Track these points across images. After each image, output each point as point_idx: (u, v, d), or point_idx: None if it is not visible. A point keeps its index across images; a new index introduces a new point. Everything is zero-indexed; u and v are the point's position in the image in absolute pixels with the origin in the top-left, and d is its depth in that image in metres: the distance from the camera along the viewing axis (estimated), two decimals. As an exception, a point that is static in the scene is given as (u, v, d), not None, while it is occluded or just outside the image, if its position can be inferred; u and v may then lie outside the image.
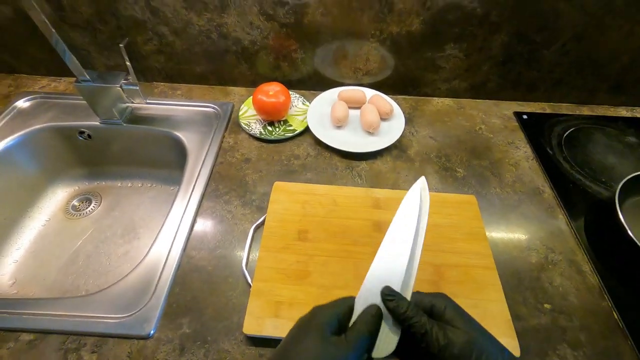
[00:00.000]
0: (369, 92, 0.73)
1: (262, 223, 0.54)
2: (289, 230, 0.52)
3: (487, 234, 0.52)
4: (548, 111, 0.76)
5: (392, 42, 0.68)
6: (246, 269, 0.48)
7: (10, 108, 0.70)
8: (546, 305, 0.46)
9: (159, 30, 0.68)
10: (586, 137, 0.70)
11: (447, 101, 0.77)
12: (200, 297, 0.47)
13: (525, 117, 0.74)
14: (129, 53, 0.56)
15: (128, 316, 0.45)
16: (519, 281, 0.49)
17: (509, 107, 0.76)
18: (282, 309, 0.44)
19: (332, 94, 0.74)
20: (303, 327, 0.28)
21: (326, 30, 0.67)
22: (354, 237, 0.51)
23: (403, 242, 0.32)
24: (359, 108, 0.72)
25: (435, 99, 0.77)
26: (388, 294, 0.29)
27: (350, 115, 0.70)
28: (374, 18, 0.64)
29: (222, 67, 0.75)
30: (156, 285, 0.47)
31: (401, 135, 0.66)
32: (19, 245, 0.67)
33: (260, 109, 0.66)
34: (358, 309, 0.29)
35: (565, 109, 0.76)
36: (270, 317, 0.43)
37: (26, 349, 0.42)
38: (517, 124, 0.72)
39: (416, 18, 0.63)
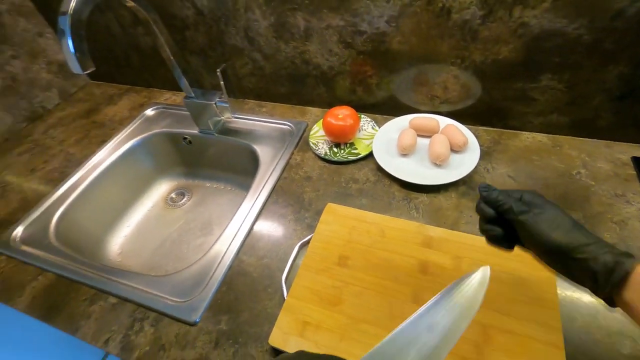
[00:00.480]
0: (444, 121, 0.69)
1: (309, 241, 0.56)
2: (331, 252, 0.53)
3: (560, 302, 0.43)
4: (689, 160, 0.59)
5: (475, 71, 0.63)
6: (285, 282, 0.51)
7: (140, 115, 0.89)
8: (633, 414, 0.36)
9: (254, 56, 0.78)
10: None
11: (540, 137, 0.67)
12: (241, 299, 0.51)
13: (650, 165, 0.59)
14: (228, 75, 0.67)
15: (183, 302, 0.52)
16: (597, 373, 0.39)
17: (626, 151, 0.61)
18: (308, 330, 0.45)
19: (403, 120, 0.72)
20: None
21: (403, 57, 0.66)
22: (395, 273, 0.49)
23: (430, 339, 0.27)
24: (429, 137, 0.69)
25: (525, 134, 0.68)
26: (484, 187, 0.37)
27: (419, 144, 0.67)
28: (455, 46, 0.61)
29: (302, 89, 0.81)
30: (209, 280, 0.54)
31: (473, 171, 0.60)
32: (129, 223, 0.84)
33: (328, 130, 0.69)
34: None
35: None
36: (295, 335, 0.44)
37: (110, 309, 0.53)
38: (634, 172, 0.58)
39: (504, 46, 0.58)
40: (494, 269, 0.47)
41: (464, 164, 0.62)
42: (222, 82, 0.68)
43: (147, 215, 0.86)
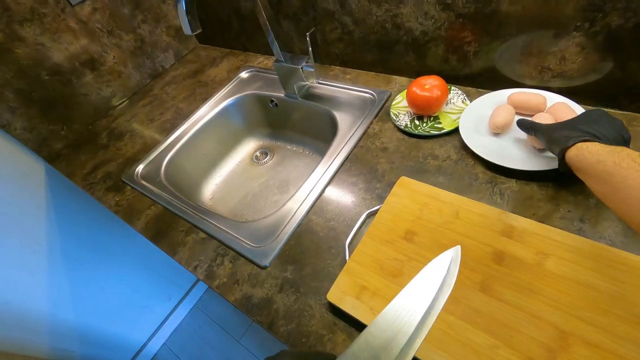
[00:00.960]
0: (553, 99, 0.59)
1: (376, 212, 0.56)
2: (398, 226, 0.52)
3: (674, 327, 0.36)
4: None
5: (607, 38, 0.51)
6: (348, 247, 0.53)
7: (236, 77, 0.97)
8: None
9: (344, 20, 0.77)
10: None
11: (692, 126, 0.53)
12: (307, 254, 0.55)
13: None
14: (317, 40, 0.67)
15: (257, 247, 0.58)
16: None
17: None
18: (365, 294, 0.46)
19: (501, 95, 0.64)
20: None
21: (512, 21, 0.57)
22: (465, 258, 0.45)
23: (410, 320, 0.26)
24: (531, 116, 0.60)
25: (668, 121, 0.54)
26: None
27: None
28: (585, 5, 0.50)
29: (390, 56, 0.77)
30: (280, 232, 0.59)
31: (583, 160, 0.51)
32: (220, 174, 0.95)
33: (412, 101, 0.66)
34: None
35: None
36: (352, 296, 0.46)
37: (200, 242, 0.62)
38: None
39: (658, 4, 0.45)
40: (587, 273, 0.42)
41: (572, 150, 0.53)
42: (309, 47, 0.69)
43: (234, 169, 0.96)
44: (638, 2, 0.46)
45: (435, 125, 0.65)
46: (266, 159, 0.95)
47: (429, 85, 0.64)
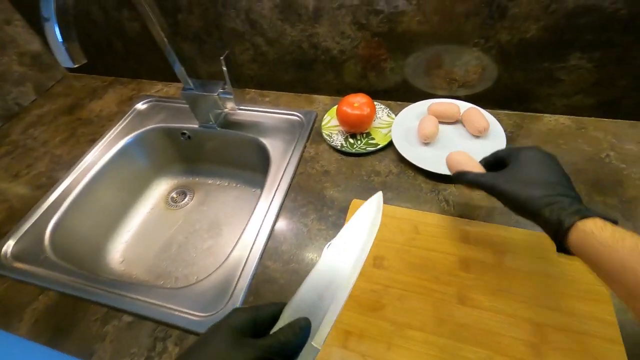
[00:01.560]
0: (464, 106, 0.66)
1: (337, 242, 0.52)
2: (363, 254, 0.49)
3: (611, 294, 0.42)
4: None
5: (498, 52, 0.59)
6: (317, 288, 0.47)
7: (131, 110, 0.82)
8: (697, 407, 0.35)
9: (255, 40, 0.71)
10: None
11: (563, 119, 0.65)
12: (271, 309, 0.47)
13: (676, 144, 0.58)
14: (229, 62, 0.60)
15: (208, 316, 0.48)
16: (657, 366, 0.38)
17: (653, 131, 0.60)
18: (351, 340, 0.42)
19: (421, 106, 0.69)
20: (215, 326, 0.27)
21: (421, 38, 0.61)
22: (435, 273, 0.46)
23: (347, 255, 0.31)
24: (451, 124, 0.65)
25: (547, 116, 0.66)
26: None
27: (441, 132, 0.64)
28: (480, 25, 0.56)
29: (309, 75, 0.75)
30: (233, 291, 0.49)
31: (500, 158, 0.57)
32: (129, 228, 0.78)
33: (344, 120, 0.65)
34: (285, 317, 0.28)
35: None
36: (337, 346, 0.41)
37: (126, 328, 0.48)
38: (663, 153, 0.57)
39: (534, 24, 0.54)
40: (537, 262, 0.46)
41: (490, 151, 0.59)
42: (225, 71, 0.62)
43: (147, 218, 0.80)
44: (520, 21, 0.54)
45: (370, 141, 0.66)
46: (185, 200, 0.82)
47: (358, 103, 0.64)
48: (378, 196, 0.36)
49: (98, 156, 0.73)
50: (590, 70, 0.57)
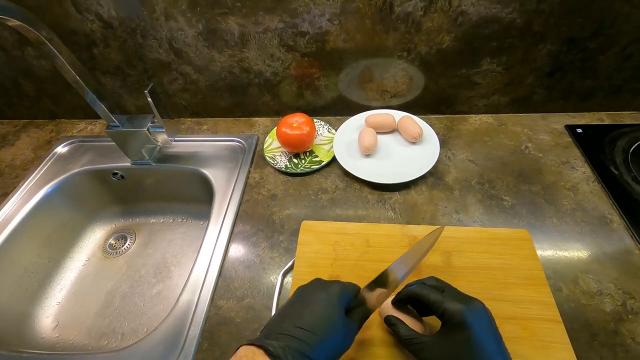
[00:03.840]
0: (398, 115, 0.69)
1: (291, 267, 0.51)
2: (320, 276, 0.48)
3: (546, 276, 0.45)
4: (607, 122, 0.67)
5: (421, 62, 0.63)
6: (276, 321, 0.45)
7: (51, 154, 0.74)
8: (630, 368, 0.39)
9: (183, 69, 0.69)
10: (659, 151, 0.60)
11: (486, 118, 0.71)
12: (229, 353, 0.43)
13: (579, 130, 0.65)
14: (155, 94, 0.57)
15: (157, 375, 0.43)
16: (592, 337, 0.41)
17: (559, 120, 0.68)
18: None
19: (358, 119, 0.70)
20: (324, 294, 0.35)
21: (349, 55, 0.63)
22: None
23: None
24: (388, 133, 0.68)
25: (472, 117, 0.71)
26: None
27: (380, 142, 0.66)
28: (400, 39, 0.60)
29: (245, 99, 0.74)
30: (184, 341, 0.45)
31: (436, 161, 0.60)
32: (62, 286, 0.69)
33: (285, 142, 0.64)
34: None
35: (629, 118, 0.67)
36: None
37: (60, 410, 0.41)
38: (570, 139, 0.64)
39: (447, 35, 0.58)
40: (481, 257, 0.48)
41: (426, 155, 0.62)
42: (152, 104, 0.58)
43: (82, 272, 0.71)
44: (434, 34, 0.59)
45: (313, 159, 0.66)
46: (126, 245, 0.75)
47: (296, 123, 0.64)
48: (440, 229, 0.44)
49: (13, 212, 0.64)
50: (501, 72, 0.63)
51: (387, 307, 0.40)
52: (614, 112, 0.68)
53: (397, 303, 0.39)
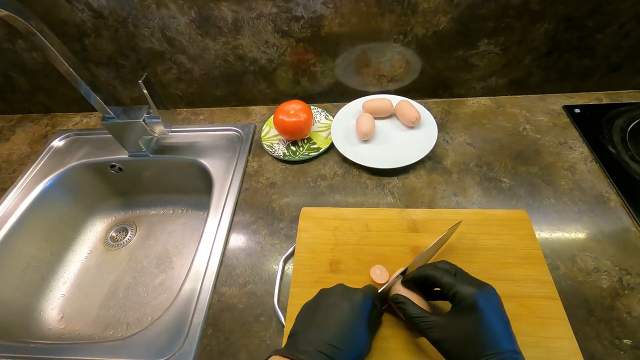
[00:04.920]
0: (395, 100, 0.68)
1: (292, 254, 0.51)
2: (320, 261, 0.49)
3: (544, 255, 0.46)
4: (605, 101, 0.66)
5: (417, 45, 0.62)
6: (278, 306, 0.46)
7: (47, 148, 0.73)
8: (626, 341, 0.40)
9: (177, 59, 0.68)
10: (656, 129, 0.60)
11: (484, 100, 0.70)
12: (233, 338, 0.45)
13: (577, 110, 0.65)
14: (150, 84, 0.56)
15: (164, 360, 0.44)
16: (589, 312, 0.42)
17: (557, 101, 0.67)
18: (318, 352, 0.41)
19: (356, 105, 0.70)
20: (349, 305, 0.36)
21: (345, 40, 0.63)
22: (390, 266, 0.47)
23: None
24: (386, 118, 0.68)
25: (470, 100, 0.71)
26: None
27: (378, 127, 0.66)
28: (396, 22, 0.59)
29: (241, 88, 0.73)
30: (189, 328, 0.46)
31: (434, 145, 0.60)
32: (65, 279, 0.70)
33: (282, 129, 0.64)
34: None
35: (627, 97, 0.66)
36: None
37: (70, 397, 0.42)
38: (568, 119, 0.64)
39: (443, 16, 0.58)
40: (480, 238, 0.49)
41: (424, 139, 0.62)
42: (147, 94, 0.58)
43: (85, 265, 0.72)
44: (430, 15, 0.58)
45: (312, 146, 0.65)
46: (127, 237, 0.76)
47: (293, 110, 0.63)
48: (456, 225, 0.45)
49: (12, 207, 0.64)
50: (498, 53, 0.63)
51: (395, 287, 0.40)
52: (612, 92, 0.67)
53: (407, 284, 0.40)
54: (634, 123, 0.61)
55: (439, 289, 0.37)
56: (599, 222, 0.50)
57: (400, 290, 0.40)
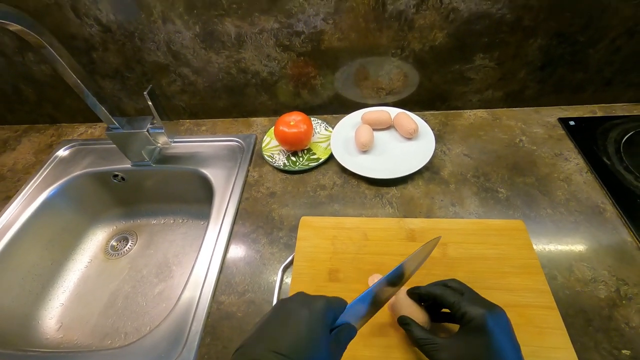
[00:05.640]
0: (394, 112, 0.70)
1: (291, 263, 0.51)
2: (318, 270, 0.49)
3: (541, 265, 0.46)
4: (599, 114, 0.68)
5: (415, 59, 0.64)
6: (277, 314, 0.46)
7: (52, 158, 0.75)
8: (625, 352, 0.40)
9: (181, 71, 0.70)
10: (650, 141, 0.61)
11: (481, 113, 0.72)
12: (232, 347, 0.45)
13: (572, 123, 0.66)
14: (154, 96, 0.58)
15: (161, 370, 0.44)
16: (587, 322, 0.42)
17: (552, 113, 0.69)
18: None
19: (355, 117, 0.71)
20: (306, 312, 0.30)
21: (344, 54, 0.65)
22: (389, 275, 0.47)
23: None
24: (385, 130, 0.69)
25: (467, 112, 0.72)
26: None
27: (376, 138, 0.67)
28: (394, 37, 0.61)
29: (243, 99, 0.75)
30: (187, 336, 0.46)
31: (432, 155, 0.61)
32: (65, 288, 0.70)
33: (283, 140, 0.65)
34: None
35: (620, 109, 0.68)
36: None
37: (66, 406, 0.42)
38: (563, 131, 0.65)
39: (439, 32, 0.60)
40: (477, 247, 0.49)
41: (422, 150, 0.63)
42: (151, 106, 0.59)
43: (85, 274, 0.72)
44: (427, 31, 0.60)
45: (311, 157, 0.67)
46: (128, 246, 0.76)
47: (294, 121, 0.65)
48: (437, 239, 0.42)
49: (15, 215, 0.65)
50: (494, 67, 0.64)
51: (399, 305, 0.40)
52: (606, 105, 0.69)
53: (412, 296, 0.40)
54: (627, 135, 0.62)
55: (446, 310, 0.36)
56: (596, 233, 0.50)
57: (404, 300, 0.40)
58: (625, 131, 0.63)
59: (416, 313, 0.39)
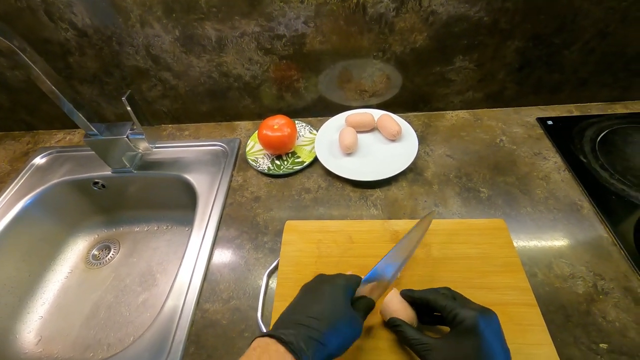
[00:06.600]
0: (377, 114, 0.70)
1: (276, 267, 0.51)
2: (304, 274, 0.49)
3: (522, 262, 0.47)
4: (575, 113, 0.70)
5: (396, 61, 0.65)
6: (262, 320, 0.46)
7: (28, 166, 0.72)
8: (602, 345, 0.41)
9: (162, 75, 0.69)
10: (624, 139, 0.63)
11: (462, 114, 0.73)
12: (216, 355, 0.44)
13: (550, 122, 0.68)
14: (134, 101, 0.57)
15: (144, 382, 0.43)
16: (566, 318, 0.43)
17: (531, 113, 0.70)
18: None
19: (339, 119, 0.72)
20: (329, 286, 0.37)
21: (327, 56, 0.65)
22: (374, 277, 0.47)
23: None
24: (368, 132, 0.69)
25: (449, 113, 0.73)
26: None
27: (360, 141, 0.67)
28: (375, 40, 0.61)
29: (226, 103, 0.74)
30: (171, 346, 0.45)
31: (415, 157, 0.62)
32: (44, 300, 0.68)
33: (266, 144, 0.65)
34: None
35: (595, 109, 0.70)
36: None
37: None
38: (541, 131, 0.67)
39: (419, 35, 0.60)
40: (460, 247, 0.50)
41: (406, 152, 0.64)
42: (130, 111, 0.58)
43: (65, 284, 0.70)
44: (407, 34, 0.60)
45: (296, 160, 0.66)
46: (110, 255, 0.74)
47: (277, 124, 0.64)
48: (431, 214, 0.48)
49: (-11, 226, 0.63)
50: (473, 69, 0.66)
51: (390, 304, 0.41)
52: (582, 104, 0.71)
53: (405, 297, 0.41)
54: (602, 134, 0.64)
55: (438, 313, 0.37)
56: (573, 229, 0.51)
57: (395, 300, 0.40)
58: (600, 130, 0.65)
59: (406, 313, 0.39)
